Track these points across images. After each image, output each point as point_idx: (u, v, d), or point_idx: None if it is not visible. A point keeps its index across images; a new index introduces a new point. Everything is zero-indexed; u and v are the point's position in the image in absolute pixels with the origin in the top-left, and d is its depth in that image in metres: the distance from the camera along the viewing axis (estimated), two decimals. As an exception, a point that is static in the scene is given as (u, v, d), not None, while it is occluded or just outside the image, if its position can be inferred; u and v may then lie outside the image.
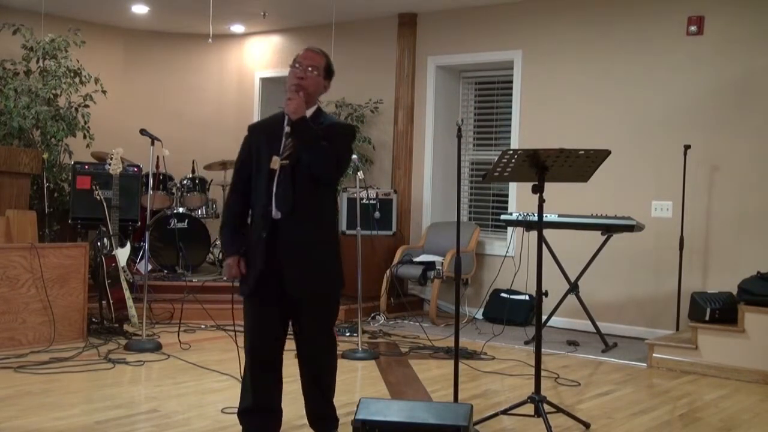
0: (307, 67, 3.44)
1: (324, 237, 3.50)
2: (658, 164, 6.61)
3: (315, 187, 3.40)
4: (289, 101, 3.35)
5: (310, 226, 3.42)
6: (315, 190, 3.41)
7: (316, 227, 3.44)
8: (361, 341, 5.80)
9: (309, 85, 3.43)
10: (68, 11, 8.38)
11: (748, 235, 6.21)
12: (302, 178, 3.37)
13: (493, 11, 7.55)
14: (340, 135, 3.48)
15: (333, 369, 3.70)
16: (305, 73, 3.43)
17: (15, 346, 5.42)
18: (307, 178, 3.37)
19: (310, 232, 3.42)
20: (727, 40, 6.34)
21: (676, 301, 6.24)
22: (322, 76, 3.49)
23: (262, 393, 3.54)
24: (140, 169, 7.35)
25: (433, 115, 8.00)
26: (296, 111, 3.33)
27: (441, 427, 3.27)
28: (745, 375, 5.31)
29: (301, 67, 3.45)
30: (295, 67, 3.46)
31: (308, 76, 3.43)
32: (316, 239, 3.44)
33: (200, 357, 5.47)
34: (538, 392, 4.00)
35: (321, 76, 3.48)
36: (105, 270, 6.04)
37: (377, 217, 7.58)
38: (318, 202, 3.45)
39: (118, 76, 9.09)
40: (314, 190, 3.41)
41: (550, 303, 6.02)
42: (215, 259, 8.42)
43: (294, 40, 9.06)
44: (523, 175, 4.09)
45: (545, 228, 5.40)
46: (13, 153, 6.52)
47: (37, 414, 4.05)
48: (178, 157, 6.94)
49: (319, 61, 3.48)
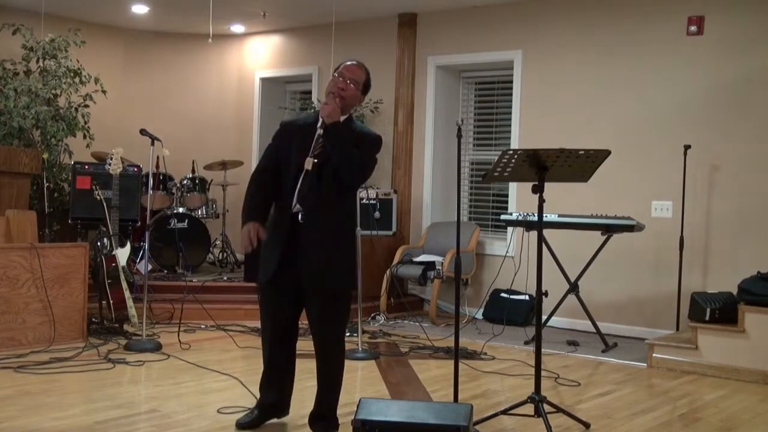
0: (348, 78, 3.67)
1: (342, 236, 3.68)
2: (658, 164, 6.61)
3: (338, 189, 3.60)
4: (325, 105, 3.58)
5: (331, 224, 3.61)
6: (338, 191, 3.60)
7: (335, 226, 3.63)
8: (361, 341, 5.80)
9: (347, 96, 3.66)
10: (68, 11, 8.38)
11: (748, 235, 6.21)
12: (328, 178, 3.57)
13: (493, 11, 7.55)
14: (368, 144, 3.70)
15: (339, 369, 3.79)
16: (346, 85, 3.66)
17: (15, 346, 5.41)
18: (332, 179, 3.57)
19: (329, 230, 3.62)
20: (726, 40, 6.34)
21: (676, 301, 6.24)
22: (360, 90, 3.73)
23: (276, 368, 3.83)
24: (140, 169, 7.35)
25: (433, 115, 8.00)
26: (331, 115, 3.55)
27: (441, 427, 3.27)
28: (745, 375, 5.31)
29: (343, 78, 3.66)
30: (337, 78, 3.67)
31: (348, 88, 3.67)
32: (334, 237, 3.62)
33: (200, 357, 5.47)
34: (538, 392, 4.00)
35: (359, 90, 3.73)
36: (105, 270, 6.04)
37: (377, 217, 7.58)
38: (340, 202, 3.64)
39: (118, 76, 9.09)
40: (337, 191, 3.60)
41: (550, 303, 6.02)
42: (215, 259, 8.43)
43: (294, 40, 9.07)
44: (523, 175, 4.09)
45: (545, 228, 5.40)
46: (13, 153, 6.51)
47: (37, 414, 4.05)
48: (178, 157, 6.94)
49: (360, 76, 3.72)
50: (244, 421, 3.88)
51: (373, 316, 7.19)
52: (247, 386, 4.60)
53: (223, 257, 8.39)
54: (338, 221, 3.64)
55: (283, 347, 3.83)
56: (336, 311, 3.71)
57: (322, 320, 3.69)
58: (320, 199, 3.57)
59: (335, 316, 3.72)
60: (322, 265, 3.58)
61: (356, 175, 3.61)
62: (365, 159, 3.62)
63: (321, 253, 3.58)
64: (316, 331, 3.72)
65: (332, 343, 3.75)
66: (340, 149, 3.53)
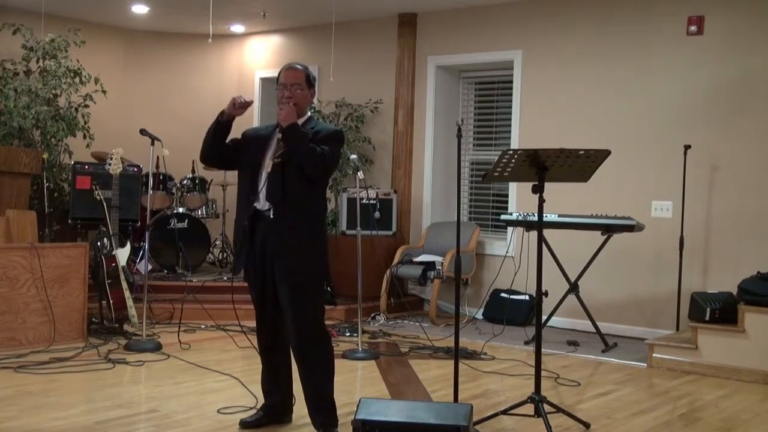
0: (290, 85, 3.78)
1: (309, 229, 3.74)
2: (658, 164, 6.61)
3: (303, 184, 3.69)
4: (280, 110, 3.72)
5: (296, 217, 3.70)
6: (303, 186, 3.69)
7: (301, 219, 3.71)
8: (361, 341, 5.80)
9: (297, 101, 3.76)
10: (68, 11, 8.38)
11: (748, 235, 6.21)
12: (291, 175, 3.66)
13: (493, 11, 7.55)
14: (327, 138, 3.76)
15: (322, 363, 3.77)
16: (292, 92, 3.77)
17: (15, 346, 5.41)
18: (296, 175, 3.66)
19: (295, 223, 3.69)
20: (727, 40, 6.34)
21: (676, 301, 6.24)
22: (306, 89, 3.82)
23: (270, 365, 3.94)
24: (140, 169, 7.35)
25: (433, 115, 8.00)
26: (287, 118, 3.68)
27: (441, 427, 3.27)
28: (745, 375, 5.31)
29: (286, 88, 3.78)
30: (282, 89, 3.79)
31: (295, 94, 3.77)
32: (301, 230, 3.71)
33: (200, 357, 5.47)
34: (538, 392, 4.00)
35: (305, 89, 3.82)
36: (105, 270, 6.04)
37: (377, 217, 7.58)
38: (305, 197, 3.72)
39: (118, 76, 9.09)
40: (302, 186, 3.69)
41: (550, 303, 6.02)
42: (215, 259, 8.43)
43: (294, 40, 9.07)
44: (523, 175, 4.09)
45: (545, 228, 5.40)
46: (13, 153, 6.52)
47: (37, 414, 4.05)
48: (178, 157, 6.93)
49: (300, 78, 3.81)
50: (248, 421, 3.90)
51: (373, 316, 7.19)
52: (247, 386, 4.60)
53: (223, 257, 8.39)
54: (304, 214, 3.71)
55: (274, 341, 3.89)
56: (303, 303, 3.69)
57: (292, 312, 3.67)
58: (285, 195, 3.66)
59: (303, 309, 3.69)
60: (288, 256, 3.67)
61: (318, 165, 3.66)
62: (326, 152, 3.67)
63: (286, 245, 3.66)
64: (289, 325, 3.72)
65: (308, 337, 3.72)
66: (299, 146, 3.64)
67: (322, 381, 3.76)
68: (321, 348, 3.77)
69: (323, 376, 3.77)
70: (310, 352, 3.73)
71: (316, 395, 3.75)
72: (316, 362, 3.75)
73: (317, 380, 3.75)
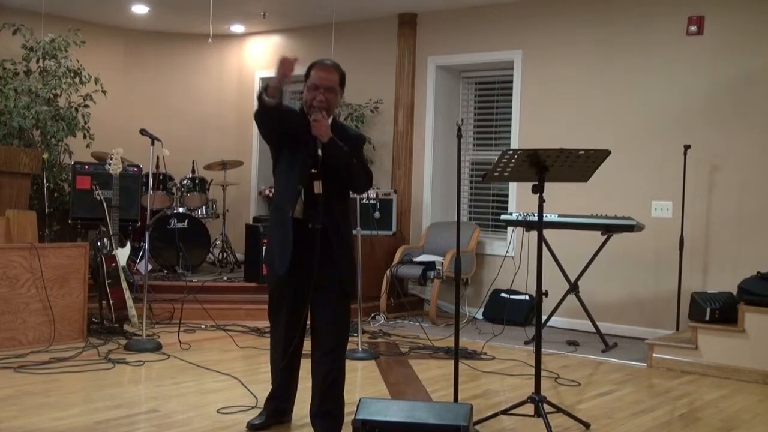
0: (325, 90, 3.59)
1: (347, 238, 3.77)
2: (658, 164, 6.61)
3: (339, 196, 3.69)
4: (315, 123, 3.51)
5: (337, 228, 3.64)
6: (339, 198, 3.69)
7: (340, 229, 3.68)
8: (361, 341, 5.80)
9: (332, 105, 3.64)
10: (68, 11, 8.38)
11: (748, 235, 6.21)
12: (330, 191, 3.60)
13: (493, 11, 7.55)
14: (358, 147, 3.80)
15: (343, 369, 3.80)
16: (327, 98, 3.60)
17: (15, 346, 5.41)
18: (336, 187, 3.64)
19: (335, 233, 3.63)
20: (726, 40, 6.34)
21: (676, 301, 6.24)
22: (339, 92, 3.70)
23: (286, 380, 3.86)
24: (140, 169, 7.35)
25: (433, 115, 8.00)
26: (325, 133, 3.52)
27: (441, 427, 3.27)
28: (745, 375, 5.31)
29: (319, 92, 3.58)
30: (314, 91, 3.58)
31: (329, 99, 3.61)
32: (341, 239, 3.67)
33: (200, 357, 5.47)
34: (538, 392, 4.00)
35: (337, 93, 3.69)
36: (105, 270, 6.04)
37: (377, 217, 7.58)
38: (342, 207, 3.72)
39: (118, 76, 9.09)
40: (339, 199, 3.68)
41: (550, 303, 6.02)
42: (215, 259, 8.44)
43: (294, 40, 9.06)
44: (523, 175, 4.09)
45: (545, 228, 5.40)
46: (13, 153, 6.52)
47: (37, 414, 4.05)
48: (178, 157, 6.94)
49: (334, 81, 3.65)
50: (255, 423, 3.88)
51: (373, 316, 7.18)
52: (247, 386, 4.60)
53: (223, 257, 8.39)
54: (342, 225, 3.71)
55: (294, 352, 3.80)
56: (342, 311, 3.74)
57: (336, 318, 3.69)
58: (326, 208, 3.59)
59: (342, 316, 3.74)
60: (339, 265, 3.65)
61: (366, 185, 3.77)
62: (365, 165, 3.75)
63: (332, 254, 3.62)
64: (328, 329, 3.68)
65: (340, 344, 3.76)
66: (343, 164, 3.59)
67: (343, 386, 3.78)
68: (344, 355, 3.82)
69: (344, 382, 3.80)
70: (341, 358, 3.76)
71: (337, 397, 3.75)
72: (342, 369, 3.78)
73: (342, 385, 3.77)
